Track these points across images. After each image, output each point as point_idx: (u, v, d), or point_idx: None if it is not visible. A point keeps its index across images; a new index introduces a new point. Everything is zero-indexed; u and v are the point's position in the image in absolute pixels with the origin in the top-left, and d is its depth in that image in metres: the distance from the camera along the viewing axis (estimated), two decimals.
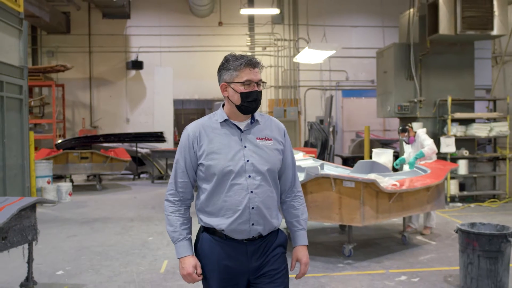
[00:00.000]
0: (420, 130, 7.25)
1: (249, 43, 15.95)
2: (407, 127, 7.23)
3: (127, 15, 15.71)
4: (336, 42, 15.49)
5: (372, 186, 5.03)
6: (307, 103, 16.31)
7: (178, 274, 4.88)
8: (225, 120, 2.23)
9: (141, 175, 13.91)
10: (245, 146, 2.20)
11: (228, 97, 2.22)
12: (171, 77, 15.71)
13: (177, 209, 2.25)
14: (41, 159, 10.10)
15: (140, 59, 15.72)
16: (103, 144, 13.08)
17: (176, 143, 18.71)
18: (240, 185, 2.15)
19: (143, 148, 13.75)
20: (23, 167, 7.77)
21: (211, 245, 2.20)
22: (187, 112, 24.87)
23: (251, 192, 2.15)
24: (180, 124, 23.90)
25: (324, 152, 12.67)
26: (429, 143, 6.85)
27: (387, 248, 5.88)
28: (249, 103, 2.18)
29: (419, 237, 6.42)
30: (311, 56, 11.83)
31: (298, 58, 12.52)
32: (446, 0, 8.53)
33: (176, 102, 16.67)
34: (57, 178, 12.48)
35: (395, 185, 5.38)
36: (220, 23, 16.10)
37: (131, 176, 13.72)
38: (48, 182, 9.58)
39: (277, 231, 2.29)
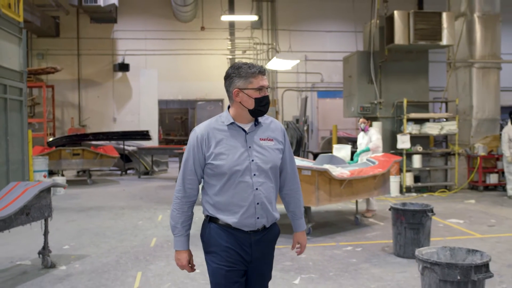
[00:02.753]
0: (374, 128, 8.45)
1: (229, 47, 16.95)
2: (368, 119, 8.41)
3: (114, 19, 16.52)
4: (312, 46, 16.67)
5: (325, 174, 6.11)
6: (284, 104, 17.35)
7: (166, 247, 5.90)
8: (232, 123, 2.40)
9: (128, 171, 14.76)
10: (250, 147, 2.38)
11: (240, 102, 2.38)
12: (156, 79, 16.72)
13: (181, 207, 2.43)
14: (37, 155, 10.96)
15: (126, 61, 16.61)
16: (92, 142, 13.93)
17: (160, 141, 19.67)
18: (246, 183, 2.34)
19: (130, 146, 14.54)
20: (23, 162, 8.65)
21: (218, 232, 2.39)
22: (171, 111, 25.79)
23: (256, 189, 2.35)
24: (164, 123, 24.80)
25: (299, 149, 13.73)
26: (374, 139, 8.02)
27: (341, 227, 6.98)
28: (262, 107, 2.39)
29: (371, 219, 7.53)
30: (280, 64, 13.02)
31: (269, 65, 13.65)
32: (401, 14, 9.70)
33: (160, 102, 17.66)
34: (50, 173, 13.30)
35: (347, 174, 6.46)
36: (203, 28, 17.04)
37: (119, 172, 14.57)
38: (45, 176, 10.46)
39: (275, 224, 2.52)
